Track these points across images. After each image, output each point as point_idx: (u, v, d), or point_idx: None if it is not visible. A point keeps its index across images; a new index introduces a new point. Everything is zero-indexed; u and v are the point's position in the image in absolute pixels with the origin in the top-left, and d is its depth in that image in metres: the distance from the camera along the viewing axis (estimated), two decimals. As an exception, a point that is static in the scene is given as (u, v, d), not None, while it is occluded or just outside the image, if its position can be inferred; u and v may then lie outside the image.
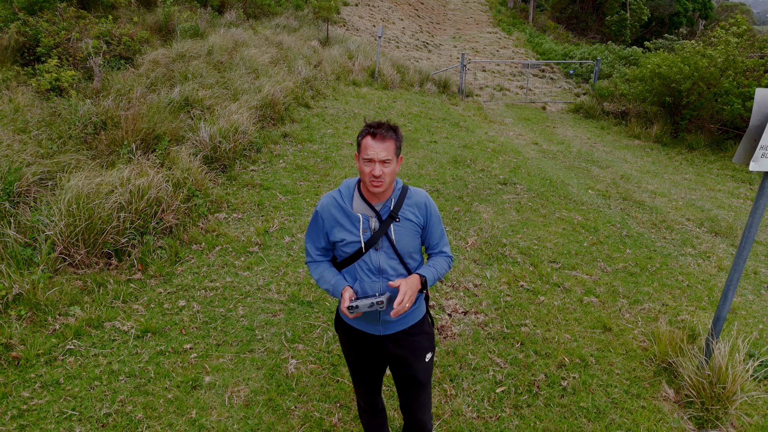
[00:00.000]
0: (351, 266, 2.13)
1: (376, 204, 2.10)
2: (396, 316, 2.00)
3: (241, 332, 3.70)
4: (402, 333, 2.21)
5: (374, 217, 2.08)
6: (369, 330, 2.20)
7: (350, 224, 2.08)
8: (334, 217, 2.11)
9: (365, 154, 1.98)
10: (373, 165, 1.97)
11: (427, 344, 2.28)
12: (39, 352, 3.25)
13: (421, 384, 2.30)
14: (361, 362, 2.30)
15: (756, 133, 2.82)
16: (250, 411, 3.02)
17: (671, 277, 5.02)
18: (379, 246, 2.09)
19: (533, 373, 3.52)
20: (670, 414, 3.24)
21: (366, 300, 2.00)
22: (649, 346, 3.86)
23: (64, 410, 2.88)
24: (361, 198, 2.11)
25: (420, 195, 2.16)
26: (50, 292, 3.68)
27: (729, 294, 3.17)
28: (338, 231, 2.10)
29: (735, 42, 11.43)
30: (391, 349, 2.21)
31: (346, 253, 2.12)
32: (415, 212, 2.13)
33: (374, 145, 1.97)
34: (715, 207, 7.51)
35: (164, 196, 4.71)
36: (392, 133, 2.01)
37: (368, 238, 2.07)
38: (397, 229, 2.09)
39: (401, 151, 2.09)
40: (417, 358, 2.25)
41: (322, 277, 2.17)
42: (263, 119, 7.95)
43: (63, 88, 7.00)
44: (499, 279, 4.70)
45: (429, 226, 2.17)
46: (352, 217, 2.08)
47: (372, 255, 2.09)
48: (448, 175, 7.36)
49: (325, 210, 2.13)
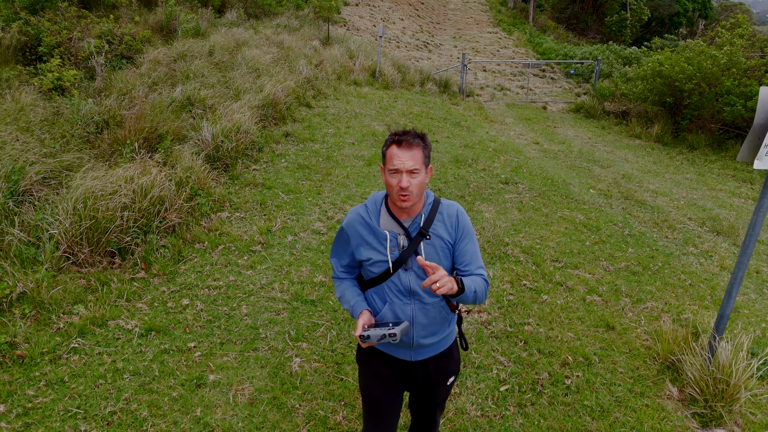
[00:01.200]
0: (379, 287, 1.98)
1: (404, 220, 1.94)
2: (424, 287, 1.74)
3: (244, 331, 3.71)
4: (432, 359, 2.08)
5: (403, 234, 1.92)
6: (400, 355, 2.05)
7: (377, 242, 1.93)
8: (360, 234, 1.96)
9: (391, 165, 1.81)
10: (400, 176, 1.80)
11: (452, 369, 2.16)
12: (43, 351, 3.26)
13: (438, 404, 2.22)
14: (385, 396, 2.10)
15: (760, 132, 2.82)
16: (255, 409, 3.03)
17: (674, 276, 5.03)
18: (408, 266, 1.92)
19: (537, 371, 3.53)
20: (674, 412, 3.24)
21: (378, 330, 1.84)
22: (652, 344, 3.87)
23: (69, 408, 2.89)
24: (388, 214, 1.95)
25: (452, 208, 1.98)
26: (54, 290, 3.68)
27: (733, 292, 3.18)
28: (364, 249, 1.95)
29: (740, 44, 11.45)
30: (418, 375, 2.08)
31: (373, 273, 1.97)
32: (447, 227, 1.95)
33: (400, 153, 1.80)
34: (717, 206, 7.52)
35: (167, 195, 4.72)
36: (419, 140, 1.85)
37: (396, 257, 1.91)
38: (428, 247, 1.92)
39: (430, 161, 1.92)
40: (440, 383, 2.14)
41: (344, 297, 2.04)
42: (265, 119, 7.96)
43: (65, 87, 7.01)
44: (502, 278, 4.70)
45: (459, 242, 1.96)
46: (378, 234, 1.92)
47: (401, 275, 1.93)
48: (449, 174, 7.36)
49: (350, 227, 1.98)
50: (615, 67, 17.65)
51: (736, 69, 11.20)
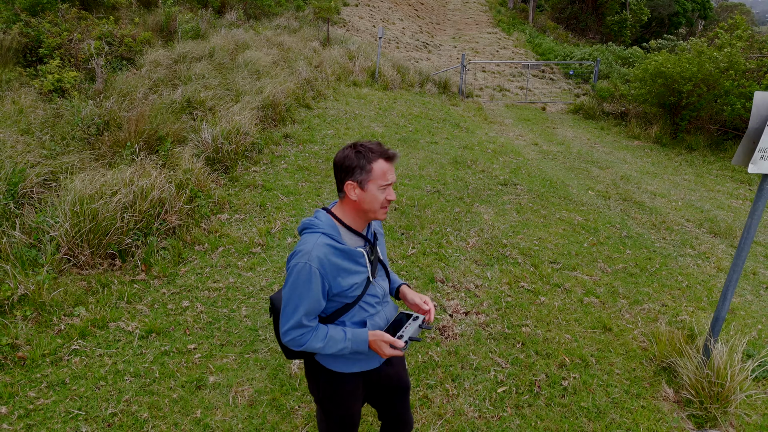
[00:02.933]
0: (353, 309, 1.91)
1: (364, 230, 1.97)
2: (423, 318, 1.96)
3: (244, 333, 3.73)
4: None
5: (365, 244, 1.95)
6: (371, 365, 2.02)
7: (355, 264, 1.87)
8: (336, 266, 1.81)
9: (383, 180, 1.80)
10: (390, 189, 1.85)
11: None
12: (45, 353, 3.28)
13: (407, 387, 2.26)
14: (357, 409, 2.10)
15: (755, 136, 2.85)
16: (255, 410, 3.05)
17: (671, 278, 5.06)
18: (377, 273, 1.99)
19: (534, 373, 3.55)
20: (670, 413, 3.27)
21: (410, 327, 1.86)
22: (648, 346, 3.89)
23: (71, 410, 2.91)
24: (348, 230, 1.90)
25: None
26: (55, 292, 3.71)
27: (728, 294, 3.20)
28: (344, 279, 1.83)
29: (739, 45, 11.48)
30: (386, 372, 2.11)
31: (351, 298, 1.88)
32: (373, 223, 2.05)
33: (392, 169, 1.85)
34: (715, 208, 7.55)
35: (167, 197, 4.74)
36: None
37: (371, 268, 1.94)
38: (380, 246, 2.04)
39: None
40: (403, 367, 2.22)
41: (332, 340, 1.84)
42: (265, 120, 7.98)
43: (65, 89, 7.03)
44: (500, 279, 4.73)
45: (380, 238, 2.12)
46: (355, 255, 1.86)
47: (375, 284, 1.97)
48: (448, 176, 7.39)
49: (325, 264, 1.78)
50: (614, 67, 17.69)
51: (735, 70, 11.23)
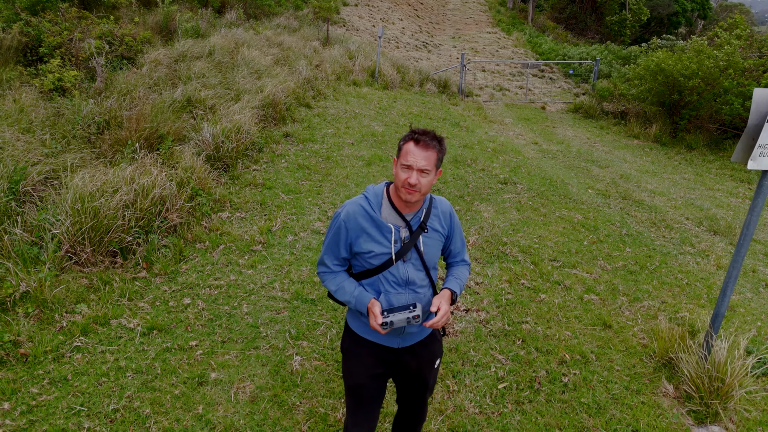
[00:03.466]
0: (374, 278, 2.02)
1: (407, 214, 2.00)
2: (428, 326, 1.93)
3: (245, 330, 3.74)
4: (419, 344, 2.17)
5: (405, 227, 1.99)
6: (388, 343, 2.10)
7: (380, 235, 1.97)
8: (361, 227, 1.97)
9: (405, 160, 1.88)
10: (411, 172, 1.87)
11: (438, 351, 2.27)
12: (47, 349, 3.29)
13: (429, 388, 2.31)
14: (371, 384, 2.16)
15: (754, 132, 2.86)
16: (256, 406, 3.06)
17: (670, 276, 5.07)
18: (407, 258, 2.00)
19: (534, 369, 3.57)
20: (670, 409, 3.28)
21: (401, 314, 1.90)
22: (648, 342, 3.91)
23: (73, 406, 2.92)
24: (391, 206, 2.00)
25: (445, 205, 2.13)
26: (57, 290, 3.72)
27: (728, 291, 3.22)
28: (365, 242, 1.96)
29: (738, 44, 11.50)
30: (407, 361, 2.16)
31: (371, 264, 2.00)
32: (442, 222, 2.09)
33: (416, 152, 1.87)
34: (714, 206, 7.56)
35: (168, 195, 4.75)
36: (437, 143, 1.91)
37: (398, 249, 1.98)
38: (426, 240, 2.02)
39: (441, 164, 2.00)
40: (429, 366, 2.23)
41: (342, 288, 2.03)
42: (265, 119, 7.99)
43: (66, 88, 7.04)
44: (500, 277, 4.74)
45: (453, 236, 2.15)
46: (383, 227, 1.96)
47: (400, 267, 1.99)
48: (448, 174, 7.40)
49: (351, 219, 1.97)
50: (614, 67, 17.71)
51: (734, 69, 11.25)
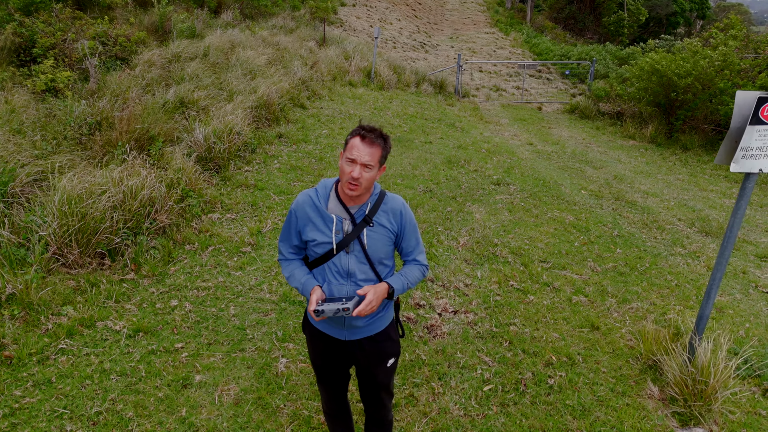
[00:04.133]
0: (321, 267, 2.12)
1: (351, 207, 2.08)
2: (356, 316, 1.98)
3: (232, 332, 3.74)
4: (367, 339, 2.20)
5: (348, 219, 2.07)
6: (335, 334, 2.18)
7: (323, 224, 2.07)
8: (307, 215, 2.09)
9: (349, 154, 1.96)
10: (354, 166, 1.95)
11: (390, 350, 2.28)
12: (31, 352, 3.29)
13: (382, 386, 2.32)
14: (325, 366, 2.29)
15: (737, 135, 2.87)
16: (240, 409, 3.06)
17: (660, 277, 5.08)
18: (350, 249, 2.07)
19: (521, 371, 3.57)
20: (654, 411, 3.28)
21: (333, 304, 1.97)
22: (635, 344, 3.91)
23: (56, 409, 2.92)
24: (337, 199, 2.09)
25: (396, 202, 2.15)
26: (43, 292, 3.71)
27: (711, 293, 3.22)
28: (310, 230, 2.08)
29: (733, 45, 11.51)
30: (355, 354, 2.22)
31: (316, 253, 2.11)
32: (390, 219, 2.12)
33: (361, 147, 1.96)
34: (707, 207, 7.57)
35: (157, 197, 4.75)
36: (381, 140, 2.00)
37: (340, 240, 2.05)
38: (370, 234, 2.07)
39: (385, 161, 2.08)
40: (379, 364, 2.26)
41: (293, 276, 2.17)
42: (258, 120, 7.99)
43: (59, 89, 7.04)
44: (490, 278, 4.74)
45: (404, 234, 2.16)
46: (325, 217, 2.07)
47: (342, 258, 2.08)
48: (441, 175, 7.40)
49: (299, 208, 2.12)
50: (611, 67, 17.72)
51: (730, 70, 11.26)
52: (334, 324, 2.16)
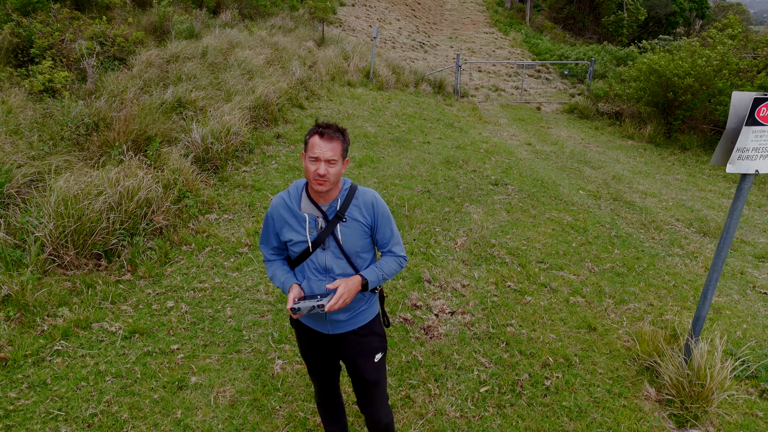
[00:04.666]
0: (301, 265, 2.19)
1: (322, 204, 2.13)
2: (330, 311, 2.04)
3: (228, 333, 3.73)
4: (351, 333, 2.25)
5: (321, 216, 2.12)
6: (319, 328, 2.25)
7: (297, 224, 2.13)
8: (282, 217, 2.16)
9: (312, 153, 2.01)
10: (318, 164, 2.00)
11: (376, 345, 2.31)
12: (27, 353, 3.28)
13: (370, 383, 2.33)
14: (313, 359, 2.37)
15: (732, 136, 2.86)
16: (236, 411, 3.06)
17: (658, 278, 5.07)
18: (326, 245, 2.13)
19: (517, 372, 3.56)
20: (651, 413, 3.28)
21: (309, 302, 2.03)
22: (632, 345, 3.90)
23: (51, 410, 2.91)
24: (308, 198, 2.15)
25: (368, 195, 2.19)
26: (39, 293, 3.71)
27: (708, 294, 3.21)
28: (287, 231, 2.15)
29: (731, 44, 11.51)
30: (341, 348, 2.28)
31: (295, 252, 2.18)
32: (363, 212, 2.16)
33: (321, 144, 2.00)
34: (705, 207, 7.56)
35: (154, 197, 4.74)
36: (340, 134, 2.06)
37: (315, 237, 2.11)
38: (344, 229, 2.12)
39: (348, 154, 2.14)
40: (365, 358, 2.29)
41: (275, 276, 2.24)
42: (256, 120, 7.98)
43: (56, 89, 7.03)
44: (487, 279, 4.74)
45: (378, 226, 2.20)
46: (299, 217, 2.13)
47: (319, 254, 2.14)
48: (440, 175, 7.39)
49: (275, 210, 2.19)
50: (609, 67, 17.70)
51: (728, 70, 11.25)
52: (316, 319, 2.22)
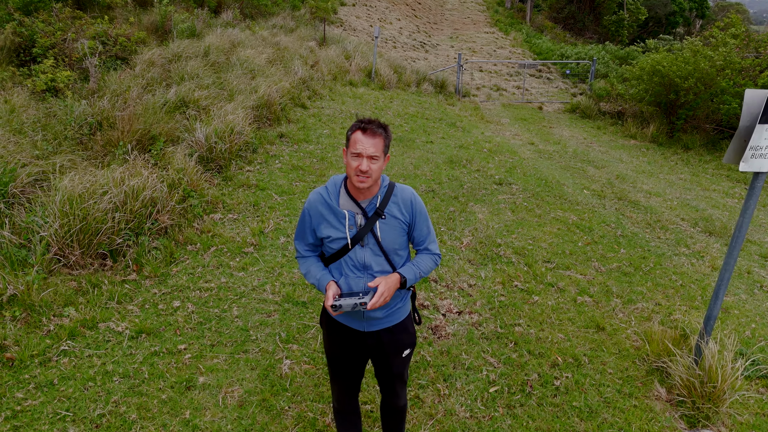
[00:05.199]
0: (338, 262, 2.16)
1: (362, 201, 2.11)
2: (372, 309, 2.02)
3: (235, 333, 3.71)
4: (385, 331, 2.24)
5: (360, 213, 2.10)
6: (353, 326, 2.23)
7: (336, 221, 2.10)
8: (320, 213, 2.13)
9: (354, 149, 2.00)
10: (361, 160, 1.98)
11: (407, 342, 2.33)
12: (33, 353, 3.26)
13: (396, 375, 2.38)
14: (342, 358, 2.32)
15: (746, 134, 2.84)
16: (244, 411, 3.03)
17: (665, 277, 5.05)
18: (364, 242, 2.11)
19: (526, 372, 3.54)
20: (662, 413, 3.26)
21: (350, 300, 2.01)
22: (641, 345, 3.88)
23: (58, 411, 2.89)
24: (347, 195, 2.12)
25: (406, 192, 2.18)
26: (45, 293, 3.68)
27: (720, 293, 3.19)
28: (325, 227, 2.13)
29: (733, 43, 11.49)
30: (373, 346, 2.26)
31: (332, 249, 2.15)
32: (402, 210, 2.14)
33: (364, 140, 1.99)
34: (710, 207, 7.54)
35: (159, 197, 4.72)
36: (382, 130, 2.04)
37: (354, 234, 2.09)
38: (383, 226, 2.11)
39: (389, 150, 2.11)
40: (395, 355, 2.31)
41: (309, 272, 2.21)
42: (259, 120, 7.96)
43: (59, 88, 7.00)
44: (494, 279, 4.72)
45: (415, 224, 2.18)
46: (338, 213, 2.10)
47: (357, 251, 2.11)
48: (443, 175, 7.37)
49: (312, 207, 2.16)
50: (611, 67, 17.69)
51: (731, 69, 11.24)
52: (352, 316, 2.20)
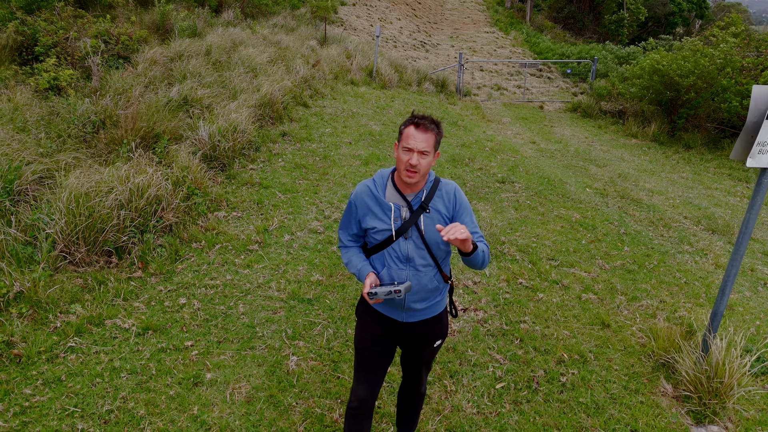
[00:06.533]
0: (380, 253, 2.21)
1: (408, 194, 2.15)
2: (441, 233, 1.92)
3: (241, 329, 3.71)
4: (422, 323, 2.29)
5: (405, 206, 2.14)
6: (392, 315, 2.28)
7: (382, 213, 2.16)
8: (367, 205, 2.19)
9: (406, 143, 2.03)
10: (412, 154, 2.02)
11: (440, 333, 2.39)
12: (40, 350, 3.26)
13: (423, 361, 2.45)
14: (373, 348, 2.33)
15: (753, 130, 2.85)
16: (252, 407, 3.04)
17: (669, 274, 5.06)
18: (408, 235, 2.15)
19: (532, 369, 3.55)
20: (669, 409, 3.27)
21: (385, 288, 2.07)
22: (647, 342, 3.89)
23: (66, 407, 2.89)
24: (393, 187, 2.17)
25: (450, 186, 2.23)
26: (51, 290, 3.68)
27: (726, 289, 3.20)
28: (370, 219, 2.18)
29: (733, 42, 11.51)
30: (407, 335, 2.31)
31: (376, 240, 2.20)
32: (445, 202, 2.18)
33: (416, 134, 2.03)
34: (712, 205, 7.56)
35: (164, 195, 4.72)
36: (434, 126, 2.07)
37: (398, 226, 2.14)
38: (427, 220, 2.14)
39: (438, 147, 2.14)
40: (428, 344, 2.37)
41: (351, 262, 2.27)
42: (262, 118, 7.96)
43: (61, 87, 7.00)
44: (498, 276, 4.72)
45: (458, 217, 2.20)
46: (384, 205, 2.15)
47: (401, 243, 2.15)
48: (446, 173, 7.38)
49: (358, 198, 2.22)
50: (611, 66, 17.70)
51: (732, 68, 11.25)
52: (392, 306, 2.25)
